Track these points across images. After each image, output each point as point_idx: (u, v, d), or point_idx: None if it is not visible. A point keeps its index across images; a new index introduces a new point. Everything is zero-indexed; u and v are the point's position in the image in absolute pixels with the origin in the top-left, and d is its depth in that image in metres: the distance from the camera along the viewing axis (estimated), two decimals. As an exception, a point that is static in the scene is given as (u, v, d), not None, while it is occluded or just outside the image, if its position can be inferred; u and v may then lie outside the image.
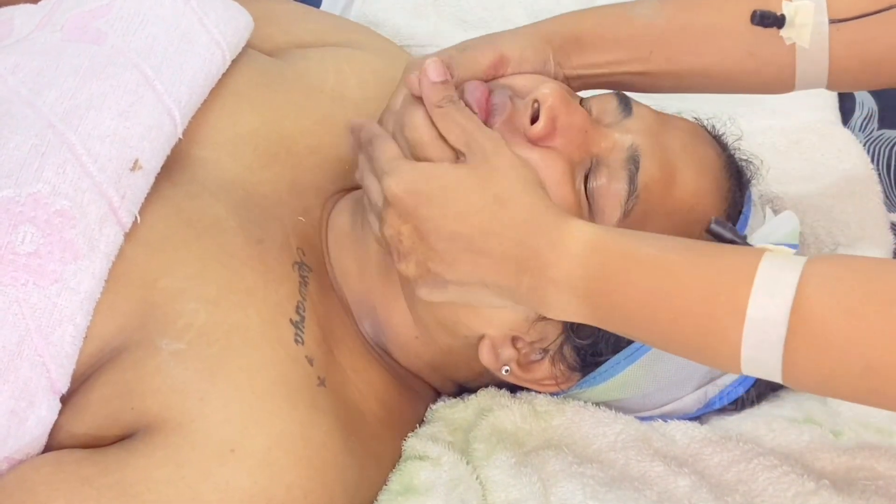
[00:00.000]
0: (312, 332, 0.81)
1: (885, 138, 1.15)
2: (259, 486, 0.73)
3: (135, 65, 0.85)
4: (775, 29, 0.82)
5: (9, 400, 0.73)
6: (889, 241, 1.04)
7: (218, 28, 0.90)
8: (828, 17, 0.82)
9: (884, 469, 0.82)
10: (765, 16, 0.81)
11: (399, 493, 0.81)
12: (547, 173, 0.77)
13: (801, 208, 1.05)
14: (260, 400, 0.75)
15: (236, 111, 0.90)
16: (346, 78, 0.99)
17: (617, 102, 0.83)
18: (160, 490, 0.72)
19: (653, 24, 0.87)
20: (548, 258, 0.71)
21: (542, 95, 0.78)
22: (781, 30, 0.82)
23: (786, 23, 0.82)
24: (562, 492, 0.80)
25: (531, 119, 0.79)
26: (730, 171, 0.85)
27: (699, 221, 0.80)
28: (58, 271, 0.75)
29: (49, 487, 0.72)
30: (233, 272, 0.80)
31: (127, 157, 0.80)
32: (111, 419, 0.75)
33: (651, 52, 0.86)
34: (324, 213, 0.91)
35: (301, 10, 1.11)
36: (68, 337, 0.75)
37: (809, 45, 0.83)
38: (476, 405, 0.88)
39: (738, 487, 0.81)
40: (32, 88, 0.82)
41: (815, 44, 0.83)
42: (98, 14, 0.88)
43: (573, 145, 0.79)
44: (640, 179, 0.79)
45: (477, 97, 0.79)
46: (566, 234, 0.71)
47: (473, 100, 0.79)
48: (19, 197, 0.76)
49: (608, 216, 0.79)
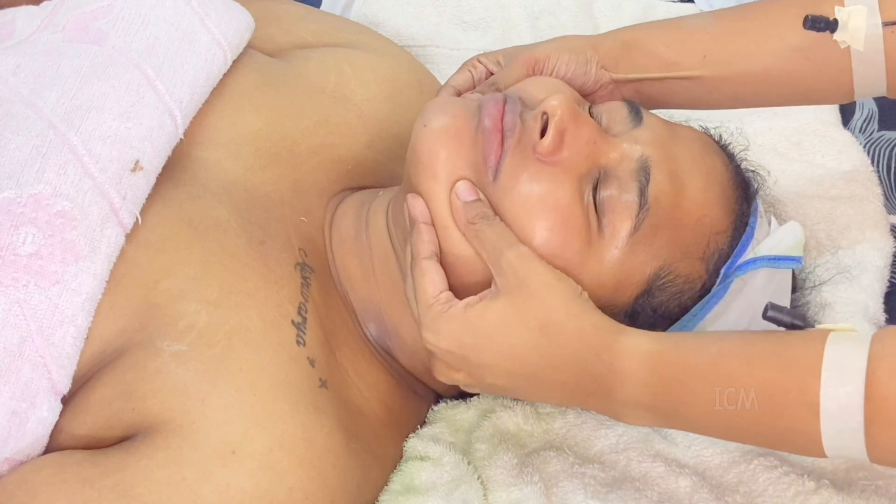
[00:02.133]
0: (314, 333, 0.81)
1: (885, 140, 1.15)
2: (260, 488, 0.73)
3: (136, 65, 0.85)
4: (828, 33, 0.82)
5: (10, 401, 0.73)
6: (889, 243, 1.04)
7: (219, 28, 0.90)
8: (881, 20, 0.81)
9: (884, 469, 0.82)
10: (817, 20, 0.81)
11: (400, 493, 0.81)
12: (556, 197, 0.77)
13: (801, 210, 1.05)
14: (261, 401, 0.75)
15: (238, 112, 0.90)
16: (347, 78, 0.99)
17: (627, 111, 0.82)
18: (161, 491, 0.72)
19: (706, 31, 0.87)
20: (610, 384, 0.73)
21: (550, 108, 0.78)
22: (835, 34, 0.82)
23: (839, 27, 0.81)
24: (563, 492, 0.80)
25: (541, 133, 0.78)
26: (737, 182, 0.84)
27: (706, 234, 0.80)
28: (59, 272, 0.75)
29: (50, 488, 0.72)
30: (234, 273, 0.80)
31: (128, 158, 0.80)
32: (112, 420, 0.75)
33: (705, 56, 0.86)
34: (326, 214, 0.91)
35: (302, 10, 1.10)
36: (69, 338, 0.75)
37: (864, 48, 0.82)
38: (478, 406, 0.88)
39: (738, 488, 0.81)
40: (34, 89, 0.82)
41: (870, 47, 0.82)
42: (99, 14, 0.88)
43: (581, 157, 0.78)
44: (650, 191, 0.78)
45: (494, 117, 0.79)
46: (623, 355, 0.72)
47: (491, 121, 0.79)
48: (20, 198, 0.76)
49: (618, 228, 0.78)
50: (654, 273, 0.79)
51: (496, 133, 0.78)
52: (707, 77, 0.87)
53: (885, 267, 1.02)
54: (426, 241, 0.78)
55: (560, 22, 1.33)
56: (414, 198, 0.79)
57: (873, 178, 1.10)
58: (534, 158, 0.78)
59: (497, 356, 0.74)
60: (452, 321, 0.75)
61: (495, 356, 0.74)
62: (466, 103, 0.81)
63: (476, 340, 0.75)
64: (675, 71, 0.87)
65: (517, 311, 0.74)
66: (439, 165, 0.78)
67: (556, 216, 0.77)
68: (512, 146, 0.78)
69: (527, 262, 0.75)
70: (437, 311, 0.76)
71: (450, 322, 0.75)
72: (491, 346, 0.74)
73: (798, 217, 1.04)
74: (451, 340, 0.75)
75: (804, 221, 1.03)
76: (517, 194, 0.77)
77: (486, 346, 0.75)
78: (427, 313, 0.77)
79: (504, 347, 0.74)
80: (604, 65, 0.87)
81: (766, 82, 0.87)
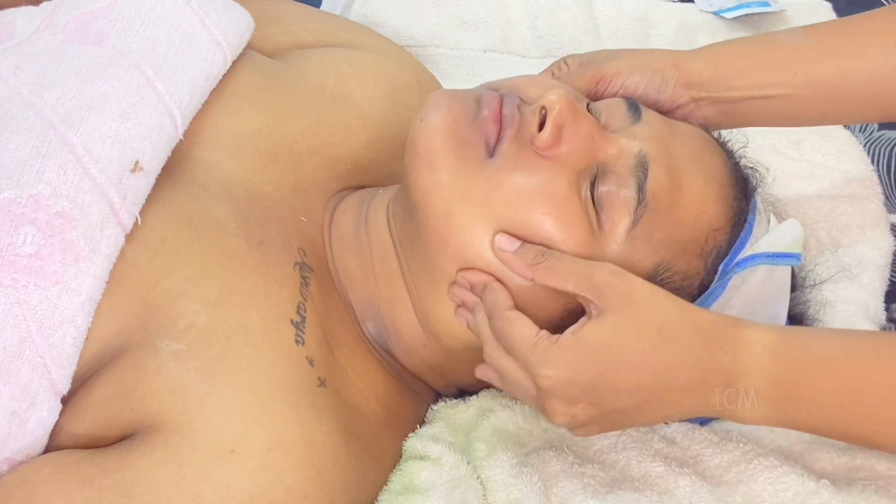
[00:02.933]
0: (313, 332, 0.81)
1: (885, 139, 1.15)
2: (259, 488, 0.73)
3: (136, 66, 0.85)
4: None
5: (10, 401, 0.73)
6: (890, 242, 1.04)
7: (219, 29, 0.90)
8: None
9: (884, 469, 0.82)
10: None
11: (399, 492, 0.81)
12: (553, 188, 0.77)
13: (801, 209, 1.05)
14: (260, 401, 0.75)
15: (237, 112, 0.90)
16: (347, 78, 0.99)
17: (626, 107, 0.82)
18: (160, 490, 0.72)
19: (798, 47, 0.85)
20: (732, 374, 0.72)
21: (549, 102, 0.78)
22: None
23: None
24: (562, 492, 0.80)
25: (538, 126, 0.78)
26: (735, 179, 0.84)
27: (704, 230, 0.80)
28: (59, 273, 0.75)
29: (50, 488, 0.72)
30: (234, 273, 0.80)
31: (128, 159, 0.80)
32: (111, 420, 0.75)
33: (796, 73, 0.84)
34: (325, 213, 0.91)
35: (301, 10, 1.11)
36: (69, 338, 0.75)
37: None
38: (477, 405, 0.88)
39: (738, 488, 0.81)
40: (33, 90, 0.82)
41: None
42: (99, 15, 0.88)
43: (579, 152, 0.78)
44: (648, 187, 0.78)
45: (493, 107, 0.79)
46: (745, 345, 0.72)
47: (489, 111, 0.79)
48: (20, 198, 0.76)
49: (617, 224, 0.78)
50: (652, 269, 0.79)
51: (495, 123, 0.78)
52: (797, 96, 0.85)
53: (886, 265, 1.03)
54: (501, 295, 0.77)
55: (560, 22, 1.33)
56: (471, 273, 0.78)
57: (873, 178, 1.11)
58: (531, 150, 0.78)
59: (620, 371, 0.72)
60: (565, 349, 0.73)
61: (619, 372, 0.72)
62: (464, 96, 0.81)
63: (597, 360, 0.72)
64: (765, 90, 0.85)
65: (631, 323, 0.73)
66: (434, 152, 0.78)
67: (553, 204, 0.77)
68: (510, 135, 0.78)
69: (622, 276, 0.74)
70: (544, 345, 0.74)
71: (563, 351, 0.73)
72: (612, 362, 0.72)
73: (798, 216, 1.04)
74: (571, 368, 0.73)
75: (804, 220, 1.03)
76: (513, 181, 0.77)
77: (608, 363, 0.72)
78: (534, 353, 0.74)
79: (626, 360, 0.72)
80: (686, 83, 0.86)
81: (860, 100, 0.85)
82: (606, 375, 0.73)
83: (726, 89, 0.86)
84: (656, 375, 0.72)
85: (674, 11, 1.36)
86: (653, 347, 0.72)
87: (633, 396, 0.73)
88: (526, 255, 0.76)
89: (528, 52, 1.31)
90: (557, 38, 1.31)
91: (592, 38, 1.32)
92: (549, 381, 0.73)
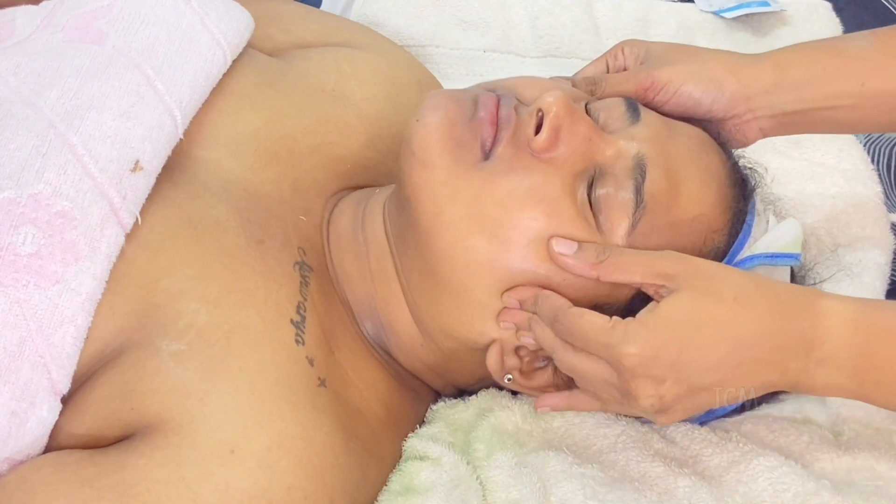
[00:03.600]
0: (313, 332, 0.81)
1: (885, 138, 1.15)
2: (259, 487, 0.73)
3: (136, 65, 0.85)
4: None
5: (10, 401, 0.73)
6: (890, 241, 1.05)
7: (219, 28, 0.90)
8: None
9: (884, 469, 0.82)
10: None
11: (399, 493, 0.81)
12: (544, 192, 0.77)
13: (801, 209, 1.05)
14: (260, 401, 0.75)
15: (237, 111, 0.90)
16: (347, 78, 0.99)
17: (625, 108, 0.82)
18: (160, 490, 0.72)
19: (863, 55, 0.83)
20: (811, 340, 0.71)
21: (545, 105, 0.78)
22: None
23: None
24: (562, 492, 0.80)
25: (535, 129, 0.78)
26: (734, 179, 0.84)
27: (702, 232, 0.80)
28: (59, 272, 0.75)
29: (49, 488, 0.72)
30: (234, 272, 0.80)
31: (128, 158, 0.80)
32: (111, 420, 0.75)
33: (863, 83, 0.83)
34: (324, 213, 0.91)
35: (301, 10, 1.11)
36: (69, 338, 0.75)
37: None
38: (477, 406, 0.88)
39: (738, 488, 0.81)
40: (34, 89, 0.82)
41: None
42: (99, 14, 0.88)
43: (576, 154, 0.78)
44: (646, 189, 0.78)
45: (489, 109, 0.79)
46: (824, 313, 0.71)
47: (486, 113, 0.78)
48: (20, 198, 0.76)
49: (615, 226, 0.78)
50: None
51: (491, 124, 0.78)
52: (863, 105, 0.84)
53: (886, 264, 1.03)
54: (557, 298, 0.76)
55: (560, 22, 1.33)
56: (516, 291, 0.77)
57: (873, 177, 1.11)
58: (527, 153, 0.78)
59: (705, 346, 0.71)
60: (644, 326, 0.72)
61: (702, 344, 0.71)
62: (461, 97, 0.81)
63: (680, 333, 0.71)
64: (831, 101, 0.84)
65: (706, 294, 0.72)
66: (429, 153, 0.78)
67: (545, 206, 0.77)
68: (506, 137, 0.78)
69: (685, 258, 0.74)
70: (622, 327, 0.73)
71: (644, 326, 0.72)
72: (694, 334, 0.71)
73: (798, 215, 1.04)
74: (654, 342, 0.71)
75: (804, 220, 1.03)
76: (506, 183, 0.77)
77: (690, 335, 0.71)
78: (614, 334, 0.72)
79: (707, 331, 0.71)
80: (745, 93, 0.84)
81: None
82: (689, 350, 0.72)
83: (793, 101, 0.85)
84: (738, 344, 0.72)
85: (674, 11, 1.36)
86: (732, 314, 0.72)
87: (716, 371, 0.72)
88: (587, 255, 0.76)
89: (528, 52, 1.31)
90: (557, 38, 1.32)
91: (592, 38, 1.32)
92: (635, 359, 0.72)
